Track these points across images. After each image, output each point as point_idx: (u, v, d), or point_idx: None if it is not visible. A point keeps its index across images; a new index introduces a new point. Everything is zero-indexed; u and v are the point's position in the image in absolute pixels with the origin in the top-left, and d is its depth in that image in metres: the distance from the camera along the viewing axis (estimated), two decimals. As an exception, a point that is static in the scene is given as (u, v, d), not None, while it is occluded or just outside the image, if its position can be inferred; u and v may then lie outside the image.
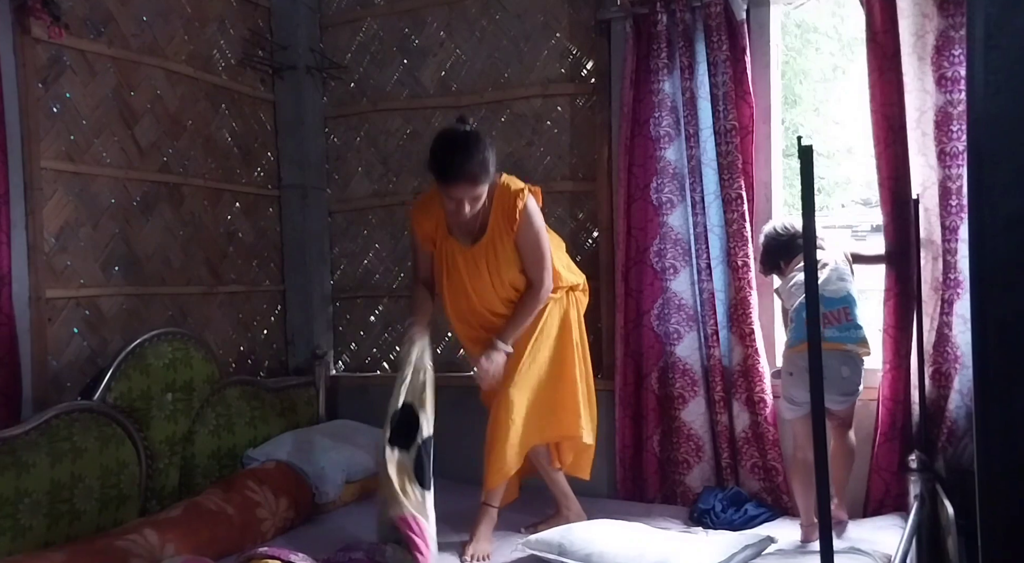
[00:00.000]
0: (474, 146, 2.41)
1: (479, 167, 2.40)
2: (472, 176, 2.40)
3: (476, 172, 2.40)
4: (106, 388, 2.62)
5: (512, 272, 2.63)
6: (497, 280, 2.63)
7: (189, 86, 3.25)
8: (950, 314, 2.71)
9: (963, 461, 2.64)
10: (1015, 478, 1.06)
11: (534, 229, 2.57)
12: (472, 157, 2.39)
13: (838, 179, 7.95)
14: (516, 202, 2.53)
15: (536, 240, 2.58)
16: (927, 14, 2.70)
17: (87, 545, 2.29)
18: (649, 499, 3.11)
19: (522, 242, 2.57)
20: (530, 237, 2.57)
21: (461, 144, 2.41)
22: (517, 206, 2.52)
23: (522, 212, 2.53)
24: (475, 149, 2.40)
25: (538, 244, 2.58)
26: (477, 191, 2.43)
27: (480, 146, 2.41)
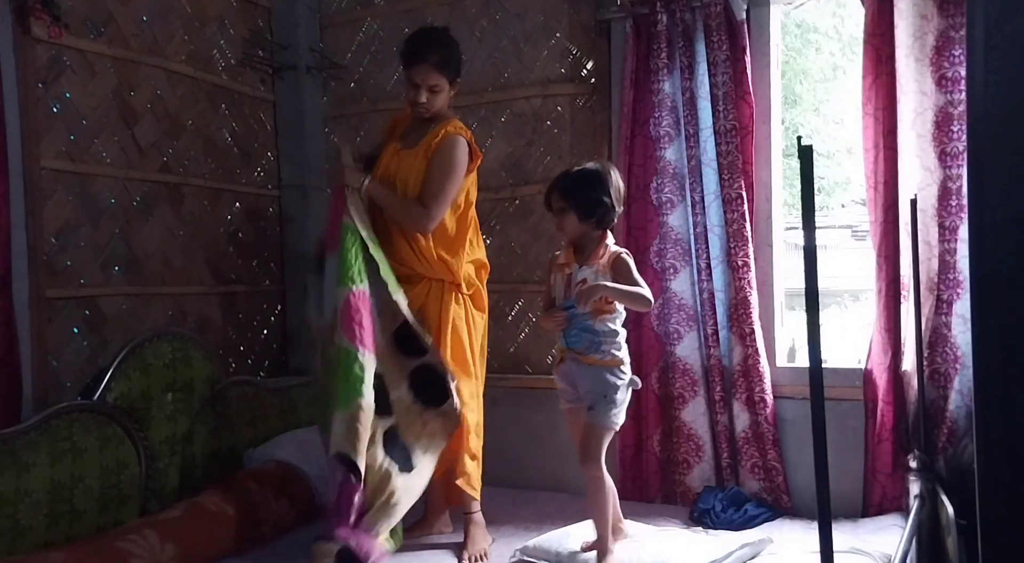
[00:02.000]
0: (445, 39, 2.58)
1: (444, 56, 2.55)
2: (434, 62, 2.53)
3: (438, 59, 2.53)
4: (106, 388, 2.61)
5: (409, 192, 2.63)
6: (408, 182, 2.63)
7: (189, 86, 3.25)
8: (950, 314, 2.72)
9: (963, 461, 2.64)
10: (1015, 478, 1.06)
11: (449, 161, 2.57)
12: (440, 45, 2.55)
13: (838, 179, 7.96)
14: (449, 129, 2.60)
15: (444, 171, 2.57)
16: (926, 15, 2.70)
17: (87, 545, 2.29)
18: (650, 499, 3.12)
19: (432, 163, 2.59)
20: (441, 162, 2.57)
21: (434, 34, 2.59)
22: (448, 131, 2.60)
23: (445, 137, 2.59)
24: (446, 41, 2.57)
25: (444, 176, 2.56)
26: (436, 79, 2.55)
27: (451, 43, 2.58)
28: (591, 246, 2.50)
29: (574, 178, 2.48)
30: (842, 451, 2.82)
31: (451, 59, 2.57)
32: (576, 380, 2.51)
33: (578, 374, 2.49)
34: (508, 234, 3.53)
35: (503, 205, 3.53)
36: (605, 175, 2.46)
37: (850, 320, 7.52)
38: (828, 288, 7.39)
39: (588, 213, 2.45)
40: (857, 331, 5.58)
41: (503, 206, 3.53)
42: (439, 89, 2.58)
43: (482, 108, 3.54)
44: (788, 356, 3.37)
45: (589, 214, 2.45)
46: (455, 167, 2.59)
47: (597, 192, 2.43)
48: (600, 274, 2.44)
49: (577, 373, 2.49)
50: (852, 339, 5.97)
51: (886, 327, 2.81)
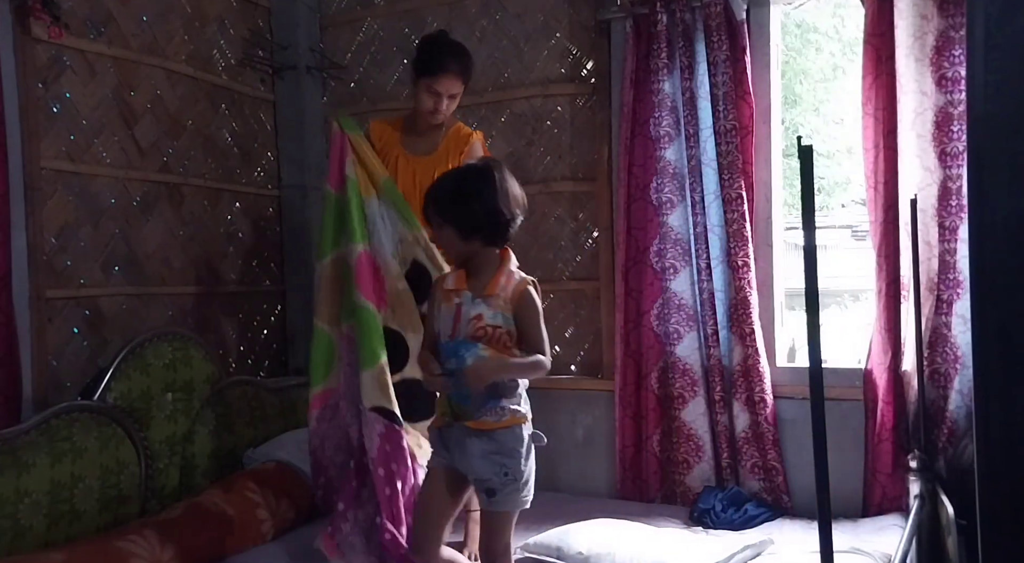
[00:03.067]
0: (462, 46, 2.61)
1: (465, 65, 2.57)
2: (458, 71, 2.55)
3: (461, 68, 2.56)
4: (106, 388, 2.61)
5: None
6: None
7: (189, 86, 3.25)
8: (950, 314, 2.72)
9: (963, 461, 2.64)
10: (1015, 478, 1.06)
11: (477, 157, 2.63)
12: (461, 54, 2.57)
13: (838, 179, 7.96)
14: (464, 132, 2.70)
15: None
16: (926, 15, 2.70)
17: (87, 545, 2.29)
18: (649, 499, 3.12)
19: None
20: None
21: (454, 43, 2.62)
22: (464, 133, 2.70)
23: (469, 142, 2.68)
24: (463, 49, 2.60)
25: None
26: (458, 87, 2.58)
27: (467, 50, 2.61)
28: (488, 270, 2.03)
29: (451, 184, 2.03)
30: (842, 451, 2.82)
31: (471, 66, 2.63)
32: (463, 454, 1.97)
33: (467, 446, 1.96)
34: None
35: (503, 205, 3.53)
36: (490, 178, 1.99)
37: (850, 320, 7.52)
38: (828, 288, 7.39)
39: (471, 227, 1.99)
40: (857, 331, 5.58)
41: (503, 206, 3.53)
42: (457, 96, 2.63)
43: (482, 108, 3.54)
44: (788, 356, 3.37)
45: (473, 228, 1.99)
46: None
47: (482, 201, 1.97)
48: (500, 311, 1.97)
49: (465, 444, 1.96)
50: (852, 339, 5.96)
51: (886, 327, 2.81)
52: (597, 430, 3.30)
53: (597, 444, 3.31)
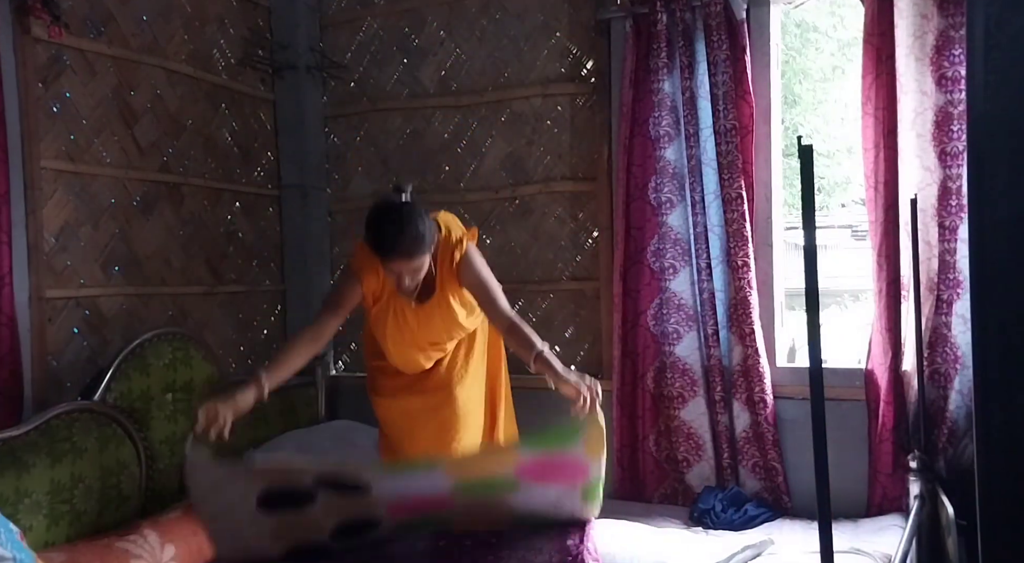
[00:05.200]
0: (408, 221, 2.30)
1: (414, 243, 2.31)
2: (407, 252, 2.32)
3: (411, 249, 2.31)
4: (106, 388, 2.61)
5: (468, 320, 2.58)
6: (455, 331, 2.59)
7: (189, 86, 3.25)
8: (950, 314, 2.72)
9: (963, 461, 2.64)
10: (1015, 478, 1.06)
11: (475, 272, 2.47)
12: (406, 233, 2.30)
13: (838, 179, 7.97)
14: (455, 254, 2.46)
15: (480, 282, 2.48)
16: (926, 14, 2.70)
17: (87, 545, 2.29)
18: (647, 498, 3.12)
19: (469, 288, 2.51)
20: (474, 281, 2.48)
21: (396, 219, 2.31)
22: (455, 258, 2.46)
23: (459, 264, 2.46)
24: (410, 224, 2.30)
25: (484, 285, 2.48)
26: (415, 264, 2.35)
27: (415, 220, 2.31)
28: None
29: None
30: (842, 451, 2.82)
31: (421, 240, 2.32)
32: None
33: None
34: (508, 234, 3.53)
35: (503, 205, 3.53)
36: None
37: (850, 320, 7.53)
38: (828, 288, 7.39)
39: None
40: (857, 331, 5.58)
41: (503, 206, 3.53)
42: (423, 265, 2.38)
43: (482, 108, 3.54)
44: (788, 356, 3.37)
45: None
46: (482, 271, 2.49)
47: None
48: None
49: None
50: (852, 339, 5.97)
51: (886, 327, 2.81)
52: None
53: (597, 444, 3.30)
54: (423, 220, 2.33)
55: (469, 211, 3.59)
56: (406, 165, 3.70)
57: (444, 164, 3.63)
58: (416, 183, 3.64)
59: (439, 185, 3.64)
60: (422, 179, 3.67)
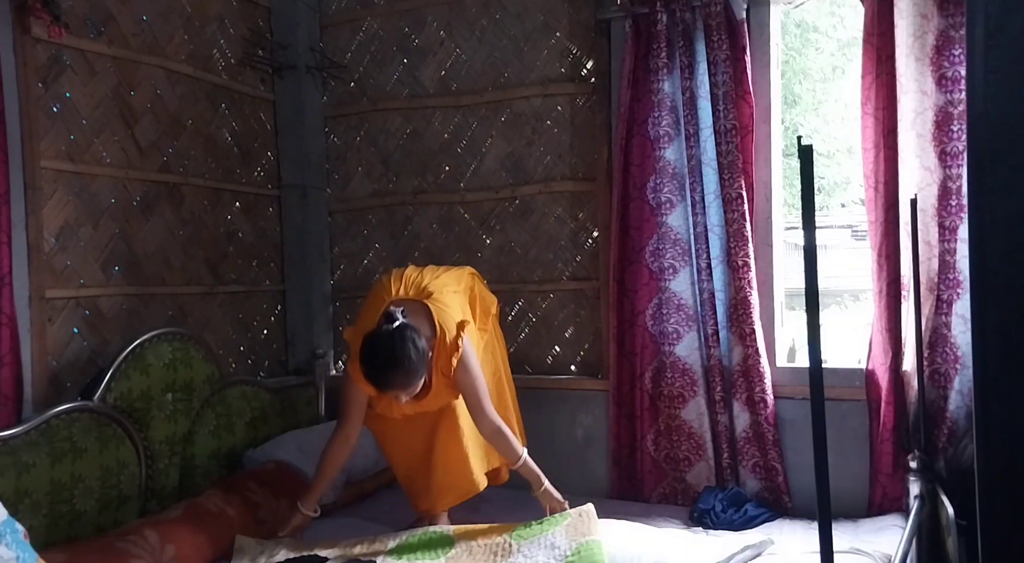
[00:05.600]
0: (401, 354, 2.35)
1: (407, 377, 2.38)
2: (401, 384, 2.40)
3: (405, 382, 2.39)
4: (106, 388, 2.62)
5: None
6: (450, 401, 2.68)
7: (189, 86, 3.25)
8: (949, 314, 2.72)
9: (963, 461, 2.64)
10: (1015, 478, 1.06)
11: (467, 378, 2.55)
12: (399, 369, 2.36)
13: (838, 179, 7.96)
14: (452, 360, 2.51)
15: (470, 387, 2.56)
16: (926, 14, 2.70)
17: (87, 545, 2.29)
18: (645, 498, 3.12)
19: (459, 389, 2.58)
20: (464, 386, 2.56)
21: (389, 355, 2.37)
22: (452, 364, 2.52)
23: (456, 370, 2.52)
24: (402, 357, 2.35)
25: (474, 391, 2.57)
26: (411, 391, 2.43)
27: (407, 352, 2.36)
28: None
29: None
30: (842, 451, 2.82)
31: (414, 369, 2.39)
32: None
33: None
34: (508, 234, 3.53)
35: (503, 205, 3.53)
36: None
37: (850, 320, 7.52)
38: (828, 288, 7.39)
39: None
40: (857, 331, 5.58)
41: (503, 206, 3.53)
42: (415, 389, 2.45)
43: (482, 108, 3.54)
44: (788, 356, 3.37)
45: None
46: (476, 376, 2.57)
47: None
48: None
49: None
50: (852, 339, 5.96)
51: (886, 327, 2.81)
52: (597, 430, 3.30)
53: (597, 444, 3.31)
54: (415, 348, 2.38)
55: (469, 211, 3.60)
56: (406, 165, 3.71)
57: (444, 164, 3.63)
58: (416, 183, 3.68)
59: (439, 185, 3.64)
60: (422, 179, 3.67)
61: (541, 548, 2.38)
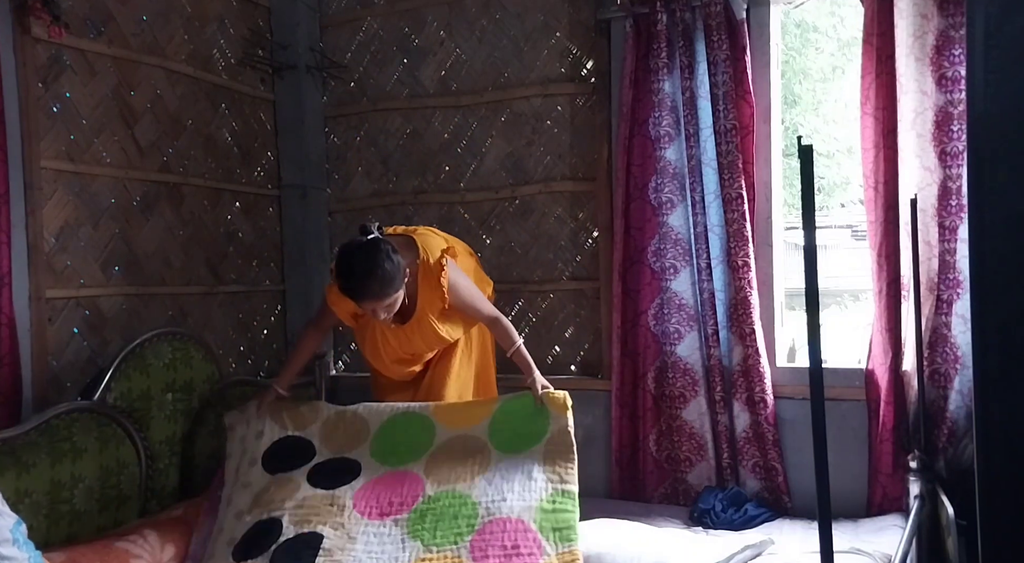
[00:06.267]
0: (374, 263, 2.34)
1: (382, 285, 2.36)
2: (376, 295, 2.37)
3: (379, 291, 2.37)
4: (106, 388, 2.61)
5: (451, 333, 2.68)
6: (428, 348, 2.72)
7: (189, 86, 3.25)
8: (949, 314, 2.72)
9: (963, 461, 2.64)
10: (1015, 478, 1.06)
11: (463, 292, 2.60)
12: (373, 277, 2.34)
13: (838, 179, 7.96)
14: (440, 280, 2.52)
15: (468, 299, 2.62)
16: (926, 14, 2.70)
17: (87, 545, 2.29)
18: (646, 498, 3.12)
19: (458, 306, 2.62)
20: (463, 299, 2.61)
21: (361, 263, 2.36)
22: (443, 285, 2.53)
23: (449, 289, 2.54)
24: (376, 267, 2.34)
25: (471, 301, 2.64)
26: (387, 302, 2.41)
27: (381, 261, 2.35)
28: None
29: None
30: (842, 451, 2.83)
31: (389, 279, 2.37)
32: None
33: None
34: (508, 234, 3.53)
35: (503, 205, 3.53)
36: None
37: (850, 320, 7.52)
38: (828, 288, 7.39)
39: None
40: (857, 331, 5.58)
41: (503, 206, 3.53)
42: (396, 301, 2.44)
43: (482, 108, 3.54)
44: (788, 356, 3.37)
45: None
46: (469, 289, 2.62)
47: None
48: None
49: None
50: (852, 339, 5.97)
51: (886, 327, 2.81)
52: (597, 430, 3.30)
53: (597, 444, 3.30)
54: (390, 259, 2.37)
55: (469, 211, 3.60)
56: (406, 165, 3.71)
57: (444, 164, 3.63)
58: (416, 183, 3.68)
59: (439, 185, 3.64)
60: (422, 179, 3.67)
61: (518, 473, 2.39)
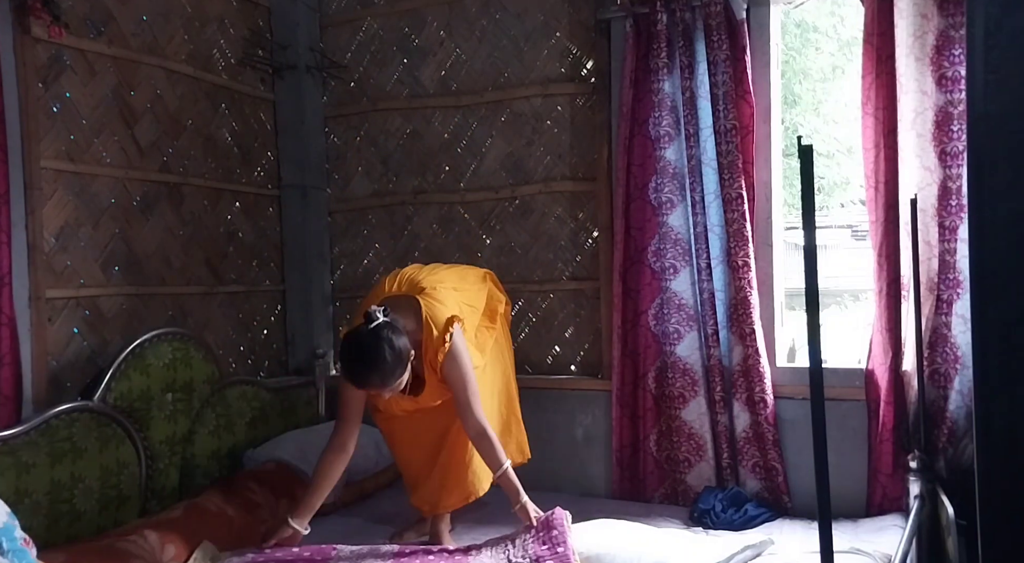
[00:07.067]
0: (376, 354, 2.33)
1: (383, 377, 2.36)
2: (378, 385, 2.38)
3: (381, 381, 2.37)
4: (106, 388, 2.62)
5: None
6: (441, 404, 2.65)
7: (189, 86, 3.25)
8: (949, 314, 2.72)
9: (963, 461, 2.64)
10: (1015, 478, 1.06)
11: (455, 372, 2.51)
12: (374, 369, 2.34)
13: (838, 179, 7.97)
14: (438, 355, 2.49)
15: (459, 383, 2.52)
16: (926, 14, 2.70)
17: (87, 545, 2.29)
18: (647, 499, 3.12)
19: (447, 380, 2.54)
20: (452, 380, 2.52)
21: (364, 355, 2.35)
22: (439, 359, 2.49)
23: (443, 364, 2.49)
24: (377, 358, 2.33)
25: (462, 386, 2.52)
26: (389, 389, 2.41)
27: (382, 351, 2.33)
28: None
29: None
30: (842, 451, 2.82)
31: (391, 369, 2.35)
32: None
33: None
34: (508, 234, 3.53)
35: (503, 205, 3.53)
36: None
37: (850, 320, 7.52)
38: (828, 288, 7.39)
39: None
40: (857, 331, 5.58)
41: (503, 206, 3.53)
42: (398, 385, 2.42)
43: (482, 108, 3.54)
44: (788, 356, 3.37)
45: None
46: (465, 371, 2.52)
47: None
48: None
49: None
50: (852, 339, 5.97)
51: (886, 327, 2.81)
52: (597, 430, 3.31)
53: (597, 444, 3.31)
54: (392, 348, 2.35)
55: (469, 211, 3.60)
56: (406, 165, 3.71)
57: (444, 164, 3.63)
58: (416, 183, 3.68)
59: (439, 185, 3.64)
60: (422, 179, 3.67)
61: None
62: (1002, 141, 1.04)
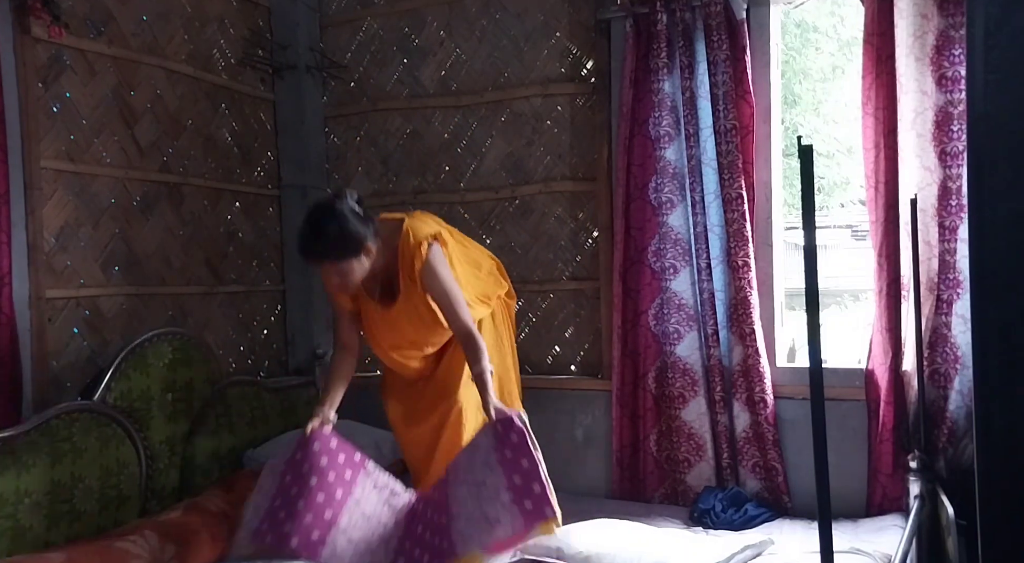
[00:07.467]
0: (326, 223, 2.26)
1: (327, 247, 2.28)
2: (319, 255, 2.31)
3: (323, 252, 2.29)
4: (106, 388, 2.62)
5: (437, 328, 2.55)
6: (422, 337, 2.58)
7: (189, 86, 3.25)
8: (950, 314, 2.72)
9: (963, 461, 2.64)
10: (1015, 478, 1.06)
11: (435, 281, 2.42)
12: (319, 237, 2.26)
13: (838, 179, 7.97)
14: (415, 262, 2.41)
15: (440, 292, 2.43)
16: (926, 14, 2.70)
17: (87, 545, 2.29)
18: (647, 499, 3.12)
19: (432, 296, 2.45)
20: (434, 291, 2.43)
21: (312, 223, 2.29)
22: (415, 266, 2.42)
23: (421, 272, 2.41)
24: (326, 227, 2.26)
25: (444, 295, 2.43)
26: (337, 267, 2.31)
27: (334, 223, 2.25)
28: None
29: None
30: (842, 451, 2.82)
31: (344, 244, 2.28)
32: None
33: None
34: (508, 234, 3.53)
35: (503, 205, 3.53)
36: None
37: (850, 320, 7.52)
38: (828, 288, 7.40)
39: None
40: (857, 331, 5.58)
41: (503, 206, 3.53)
42: (350, 269, 2.32)
43: (482, 108, 3.54)
44: (788, 356, 3.37)
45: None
46: (446, 280, 2.44)
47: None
48: None
49: None
50: (852, 339, 5.97)
51: (886, 327, 2.81)
52: (597, 430, 3.31)
53: (597, 444, 3.31)
54: (345, 221, 2.27)
55: (469, 211, 3.59)
56: (406, 165, 3.71)
57: (444, 164, 3.63)
58: (416, 183, 3.68)
59: (439, 185, 3.64)
60: (422, 179, 3.67)
61: None
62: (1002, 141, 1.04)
